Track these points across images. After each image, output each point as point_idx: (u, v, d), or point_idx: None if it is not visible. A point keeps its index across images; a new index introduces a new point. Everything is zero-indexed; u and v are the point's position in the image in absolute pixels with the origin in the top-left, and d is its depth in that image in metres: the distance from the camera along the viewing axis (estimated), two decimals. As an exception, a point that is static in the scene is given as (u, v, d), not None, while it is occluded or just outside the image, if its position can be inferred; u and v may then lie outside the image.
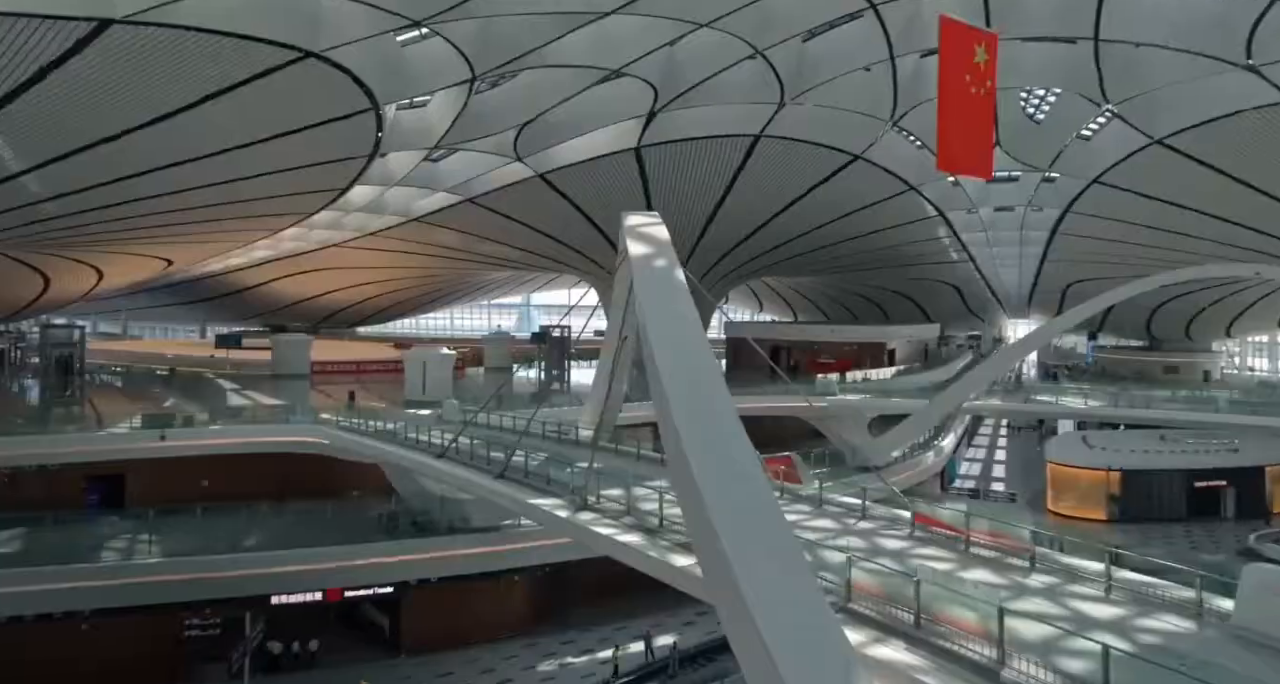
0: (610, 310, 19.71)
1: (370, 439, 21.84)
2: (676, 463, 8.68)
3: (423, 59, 28.91)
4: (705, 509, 7.70)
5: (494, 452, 17.14)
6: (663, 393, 9.17)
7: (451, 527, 23.35)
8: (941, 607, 8.29)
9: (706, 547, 7.80)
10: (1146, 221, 39.13)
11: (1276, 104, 28.76)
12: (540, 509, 13.76)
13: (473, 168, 38.87)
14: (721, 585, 7.50)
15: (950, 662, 7.75)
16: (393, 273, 58.72)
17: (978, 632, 7.83)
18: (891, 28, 27.41)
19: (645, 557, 11.28)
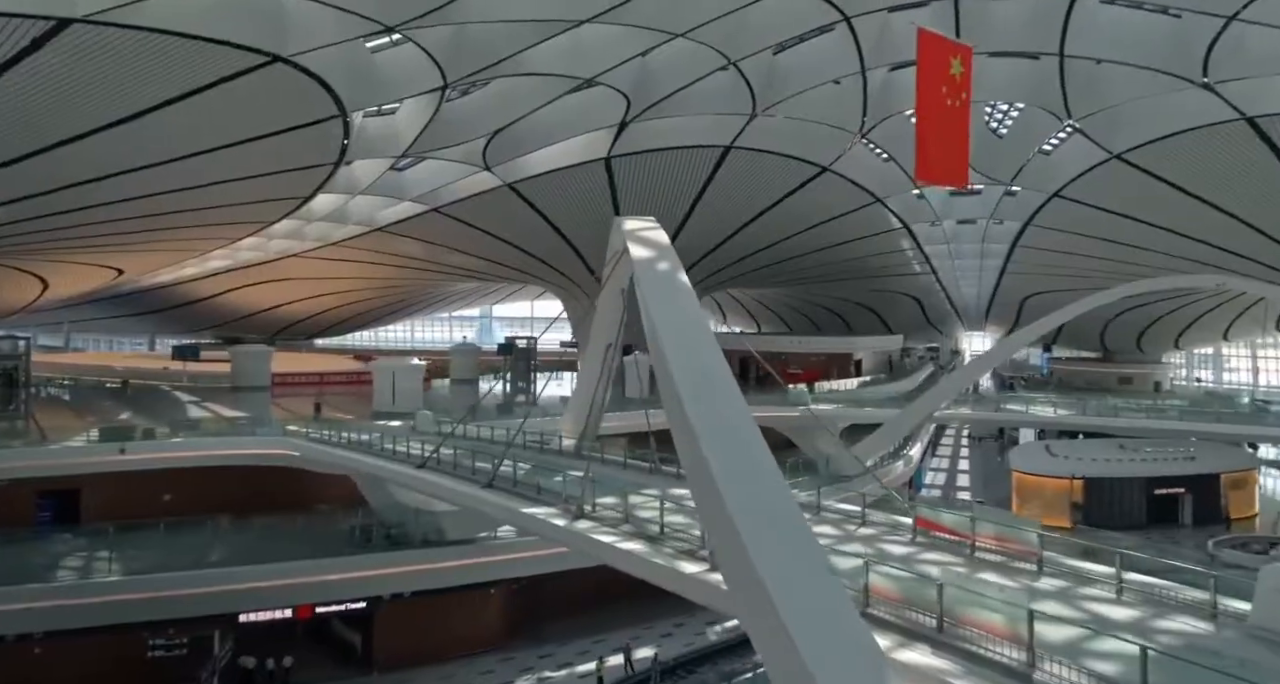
0: (595, 317, 19.51)
1: (346, 450, 21.27)
2: (697, 470, 8.49)
3: (393, 65, 28.54)
4: (731, 519, 7.54)
5: (478, 462, 16.79)
6: (677, 398, 9.00)
7: (426, 539, 22.85)
8: (964, 610, 8.22)
9: (732, 555, 7.62)
10: (1103, 234, 40.09)
11: (1230, 121, 29.72)
12: (535, 518, 13.47)
13: (440, 177, 38.43)
14: (750, 594, 7.32)
15: (980, 665, 7.67)
16: (354, 284, 57.77)
17: (1004, 635, 7.76)
18: (864, 41, 27.73)
19: (651, 564, 11.06)
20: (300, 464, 24.10)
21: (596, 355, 18.97)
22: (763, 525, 7.54)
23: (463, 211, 40.92)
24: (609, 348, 19.16)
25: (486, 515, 22.59)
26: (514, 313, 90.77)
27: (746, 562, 7.27)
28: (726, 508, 7.63)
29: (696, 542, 11.26)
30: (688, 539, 11.47)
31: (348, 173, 35.83)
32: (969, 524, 11.34)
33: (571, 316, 53.69)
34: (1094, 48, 27.68)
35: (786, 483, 8.37)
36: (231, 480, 25.98)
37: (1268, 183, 32.41)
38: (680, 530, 11.95)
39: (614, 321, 18.85)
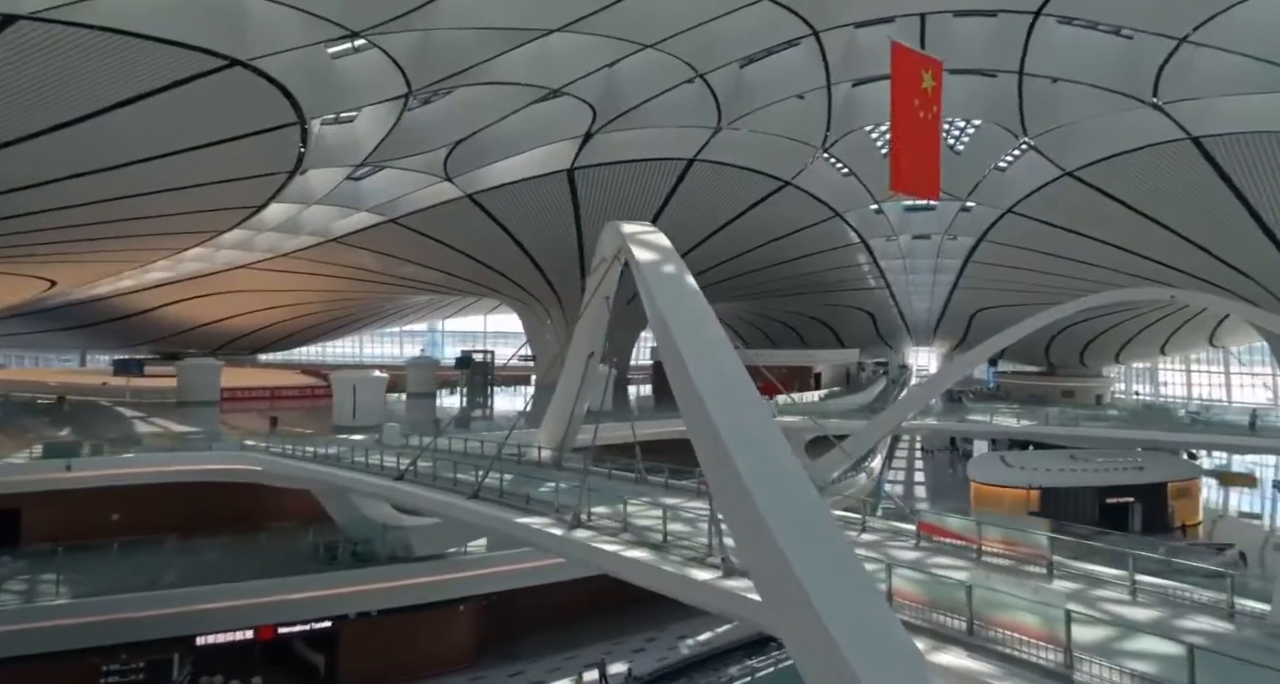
0: (578, 325, 19.22)
1: (315, 464, 20.54)
2: (724, 477, 8.27)
3: (355, 72, 28.00)
4: (768, 527, 7.35)
5: (459, 473, 16.32)
6: (700, 405, 8.79)
7: (393, 555, 22.16)
8: (993, 612, 8.14)
9: (768, 563, 7.41)
10: (1053, 250, 41.19)
11: (1176, 140, 30.79)
12: (530, 528, 13.09)
13: (398, 187, 37.77)
14: (789, 602, 7.12)
15: (1017, 667, 7.59)
16: (304, 296, 56.42)
17: (1037, 636, 7.69)
18: (830, 55, 28.05)
19: (659, 571, 10.78)
20: (261, 479, 23.22)
21: (578, 364, 18.66)
22: (799, 532, 7.38)
23: (421, 222, 40.28)
24: (591, 356, 18.86)
25: (461, 529, 22.21)
26: (465, 327, 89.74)
27: (786, 569, 7.08)
28: (762, 516, 7.43)
29: (703, 549, 11.05)
30: (694, 547, 11.25)
31: (303, 182, 35.00)
32: (975, 528, 11.33)
33: (528, 330, 53.21)
34: (1052, 66, 28.46)
35: (815, 488, 8.21)
36: (184, 498, 24.90)
37: (1210, 201, 33.61)
38: (683, 538, 11.72)
39: (598, 330, 18.57)
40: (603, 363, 31.50)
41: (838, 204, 40.31)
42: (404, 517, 22.85)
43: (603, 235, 16.99)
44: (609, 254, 16.98)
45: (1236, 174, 31.95)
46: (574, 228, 40.58)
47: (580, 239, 41.89)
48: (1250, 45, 25.32)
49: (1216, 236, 36.43)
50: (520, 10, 24.67)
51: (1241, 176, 31.98)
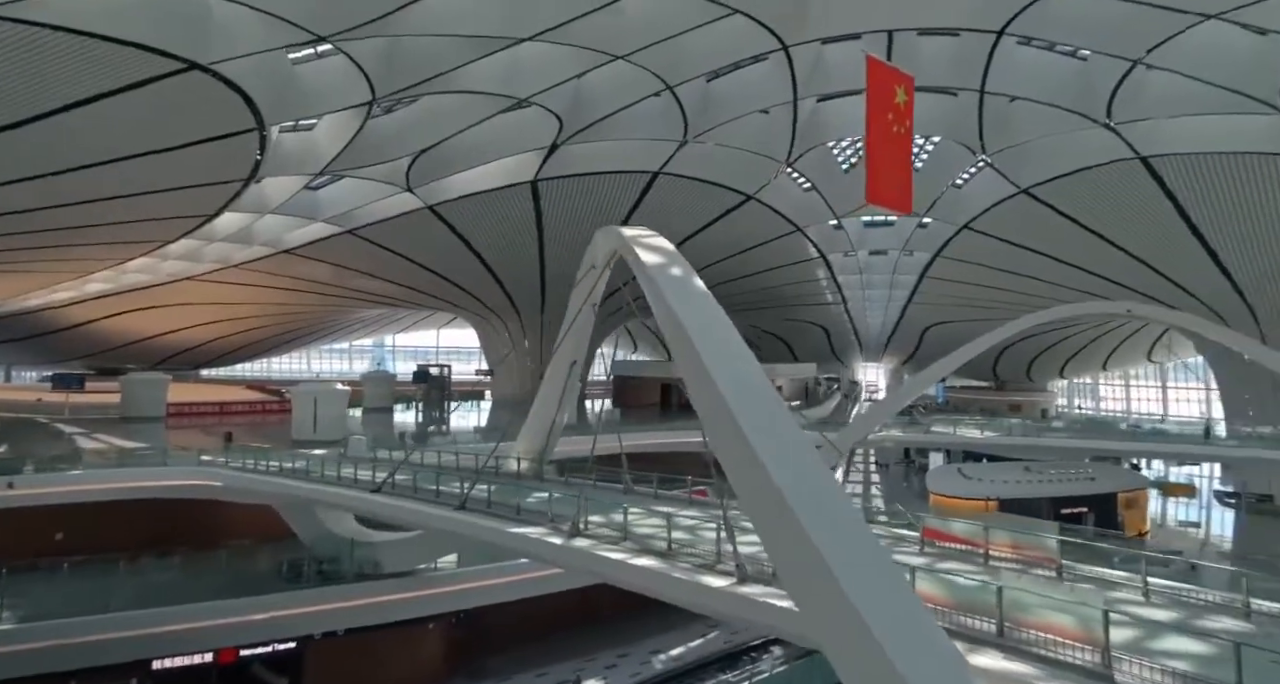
0: (561, 333, 18.91)
1: (284, 478, 19.78)
2: (756, 485, 8.10)
3: (318, 78, 27.48)
4: (807, 536, 7.23)
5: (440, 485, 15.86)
6: (727, 411, 8.64)
7: (361, 573, 21.45)
8: (1022, 614, 8.10)
9: (808, 572, 7.26)
10: (1006, 266, 42.17)
11: (1126, 159, 31.83)
12: (528, 538, 12.73)
13: (357, 197, 37.08)
14: (831, 609, 6.98)
15: (1056, 668, 7.54)
16: (252, 309, 54.91)
17: (1073, 636, 7.66)
18: (799, 70, 28.35)
19: (671, 579, 10.55)
20: (221, 495, 22.31)
21: (559, 373, 18.35)
22: (839, 540, 7.27)
23: (379, 234, 39.55)
24: (573, 365, 18.56)
25: (431, 545, 21.65)
26: (413, 342, 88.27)
27: (828, 578, 6.96)
28: (801, 525, 7.30)
29: (710, 556, 10.87)
30: (701, 554, 11.05)
31: (257, 191, 34.13)
32: (981, 533, 11.34)
33: (485, 344, 52.54)
34: (1012, 86, 29.21)
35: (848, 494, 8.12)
36: (136, 516, 23.82)
37: (1155, 219, 34.79)
38: (687, 546, 11.52)
39: (582, 338, 18.31)
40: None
41: (799, 219, 40.71)
42: (373, 532, 22.18)
43: (596, 241, 16.77)
44: (600, 260, 16.74)
45: (1181, 193, 33.14)
46: (536, 240, 40.27)
47: (542, 251, 41.59)
48: (1199, 68, 26.33)
49: (1160, 253, 37.70)
50: (493, 18, 24.44)
51: (1186, 196, 33.18)
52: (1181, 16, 23.67)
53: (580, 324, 17.68)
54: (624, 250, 13.46)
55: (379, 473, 17.20)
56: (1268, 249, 34.92)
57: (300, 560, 21.49)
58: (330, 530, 21.68)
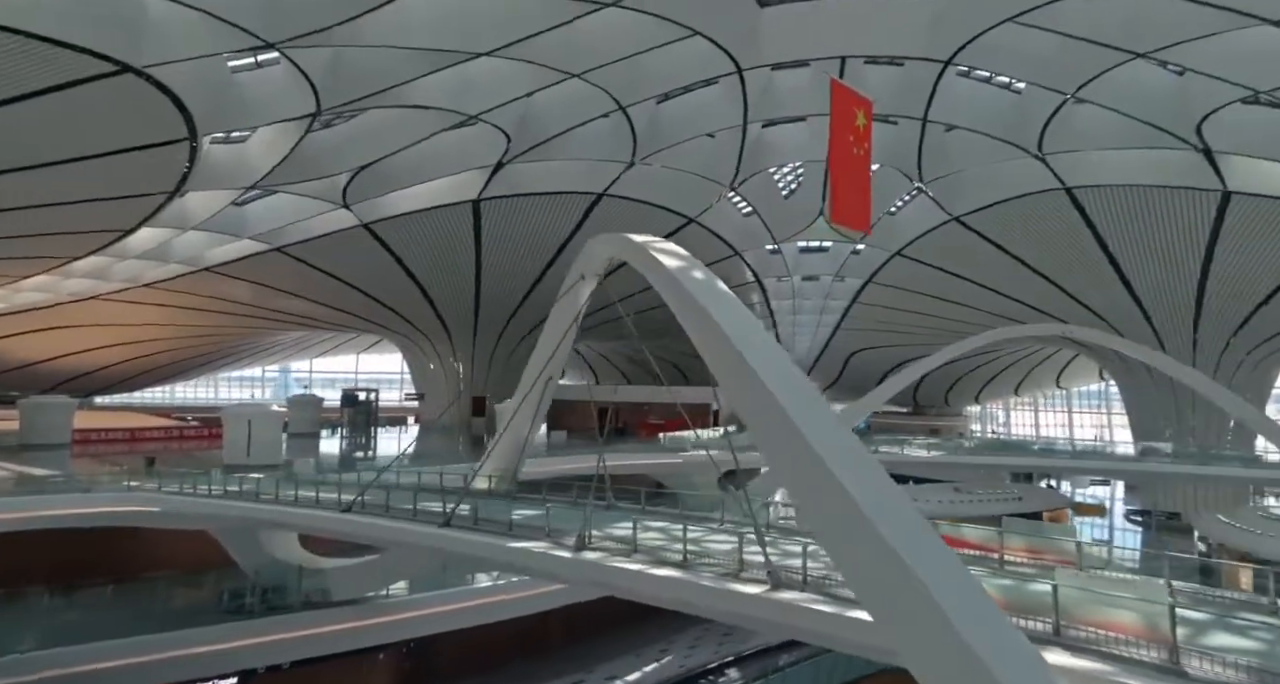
0: (538, 346, 18.41)
1: (235, 501, 18.46)
2: (823, 494, 7.89)
3: (258, 88, 26.42)
4: (890, 547, 7.05)
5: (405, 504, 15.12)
6: (786, 419, 8.40)
7: (308, 601, 20.21)
8: (1080, 611, 8.09)
9: (890, 582, 7.06)
10: (933, 291, 43.54)
11: (1053, 190, 33.39)
12: (531, 552, 12.16)
13: (288, 213, 35.67)
14: (916, 618, 6.80)
15: (1123, 664, 7.51)
16: (161, 331, 52.01)
17: (1134, 632, 7.67)
18: (751, 94, 28.75)
19: (702, 588, 10.17)
20: (157, 522, 20.73)
21: (534, 390, 17.78)
22: (918, 550, 7.11)
23: (309, 251, 38.12)
24: (549, 381, 18.06)
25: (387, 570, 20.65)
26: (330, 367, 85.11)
27: (915, 588, 6.79)
28: (882, 536, 7.12)
29: (734, 565, 10.61)
30: (722, 564, 10.78)
31: (180, 205, 32.44)
32: (995, 537, 11.38)
33: (413, 367, 51.10)
34: (952, 116, 30.30)
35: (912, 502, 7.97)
36: (49, 547, 21.89)
37: (1076, 247, 36.55)
38: (704, 556, 11.23)
39: (561, 352, 17.84)
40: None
41: (738, 243, 41.14)
42: (321, 558, 21.01)
43: (590, 250, 16.40)
44: (592, 270, 16.37)
45: (1100, 222, 34.94)
46: (473, 261, 39.50)
47: (479, 273, 40.81)
48: (1125, 104, 27.90)
49: (1078, 280, 39.57)
50: (450, 31, 23.98)
51: (1104, 224, 35.00)
52: (1114, 53, 25.02)
53: (560, 337, 17.20)
54: (637, 257, 13.15)
55: (345, 494, 16.27)
56: (1174, 274, 37.07)
57: (242, 589, 20.12)
58: (275, 556, 20.41)
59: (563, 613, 25.29)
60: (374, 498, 15.70)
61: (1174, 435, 40.55)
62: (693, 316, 10.92)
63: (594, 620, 26.65)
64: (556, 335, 17.29)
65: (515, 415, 17.62)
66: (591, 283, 16.73)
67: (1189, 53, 24.86)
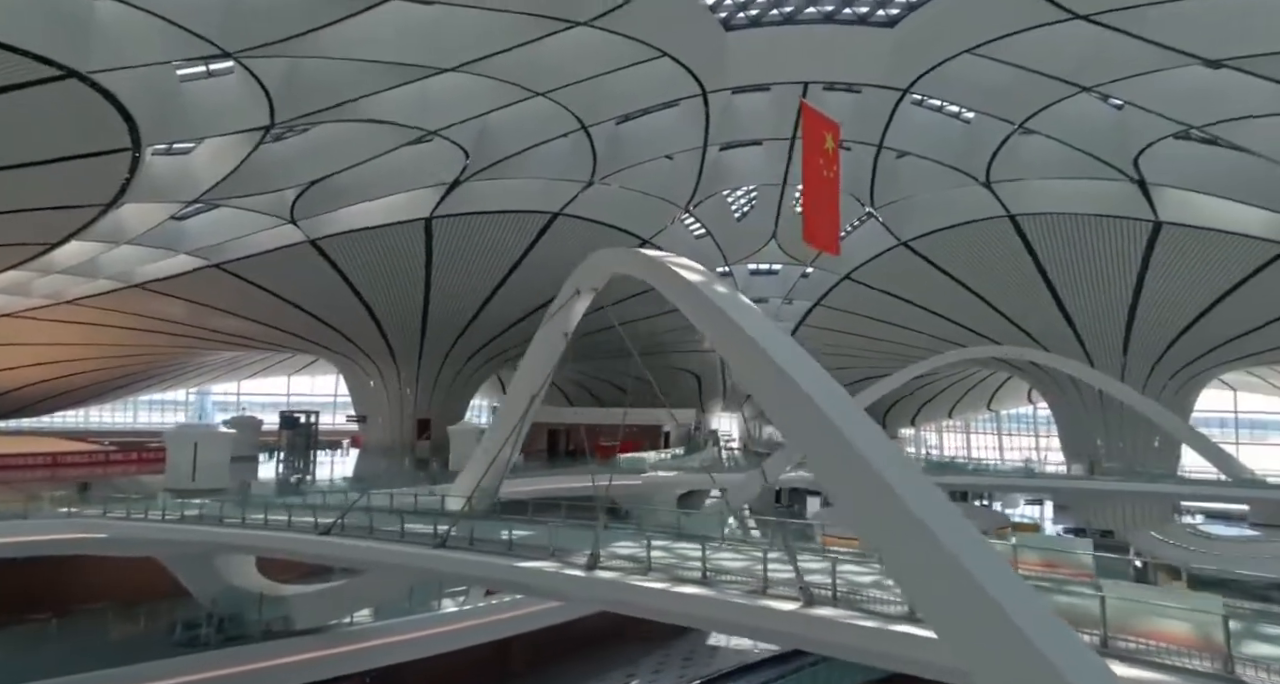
0: (523, 364, 18.05)
1: (198, 526, 17.39)
2: (885, 512, 7.84)
3: (211, 98, 25.54)
4: (964, 568, 7.03)
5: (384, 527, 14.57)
6: (842, 439, 8.32)
7: (269, 631, 19.20)
8: (1126, 622, 8.16)
9: (963, 601, 7.03)
10: (879, 315, 44.41)
11: (998, 217, 34.51)
12: (542, 572, 11.83)
13: (230, 228, 34.40)
14: (991, 635, 6.78)
15: (1182, 675, 7.57)
16: (82, 351, 49.49)
17: (1185, 642, 7.77)
18: (713, 116, 28.98)
19: (734, 606, 10.02)
20: (105, 549, 19.45)
21: (517, 406, 17.40)
22: (986, 568, 7.11)
23: (250, 268, 36.80)
24: (533, 399, 17.69)
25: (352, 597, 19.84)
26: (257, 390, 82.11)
27: (989, 607, 6.77)
28: (953, 555, 7.11)
29: (758, 582, 10.50)
30: (746, 581, 10.65)
31: (114, 218, 30.99)
32: (1009, 551, 11.48)
33: (354, 389, 49.66)
34: (906, 142, 31.05)
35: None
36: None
37: (1017, 273, 37.79)
38: (725, 573, 11.08)
39: (547, 368, 17.51)
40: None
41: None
42: (282, 584, 20.06)
43: (591, 264, 16.15)
44: (588, 285, 16.11)
45: (1041, 249, 36.23)
46: (423, 279, 38.71)
47: (428, 292, 40.00)
48: (1070, 135, 29.05)
49: (1017, 305, 40.90)
50: (417, 45, 23.57)
51: (1044, 251, 36.31)
52: (1062, 86, 26.05)
53: (547, 353, 16.88)
54: (652, 272, 12.98)
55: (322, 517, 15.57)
56: (1107, 300, 38.64)
57: (197, 619, 19.01)
58: (232, 583, 19.39)
59: (525, 640, 24.75)
60: (355, 520, 15.06)
61: (1105, 454, 42.09)
62: (723, 331, 10.73)
63: (556, 647, 26.17)
64: (544, 351, 16.94)
65: (498, 434, 17.16)
66: (587, 298, 16.47)
67: (1131, 88, 26.06)
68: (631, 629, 28.30)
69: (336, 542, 14.70)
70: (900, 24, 25.46)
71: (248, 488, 22.98)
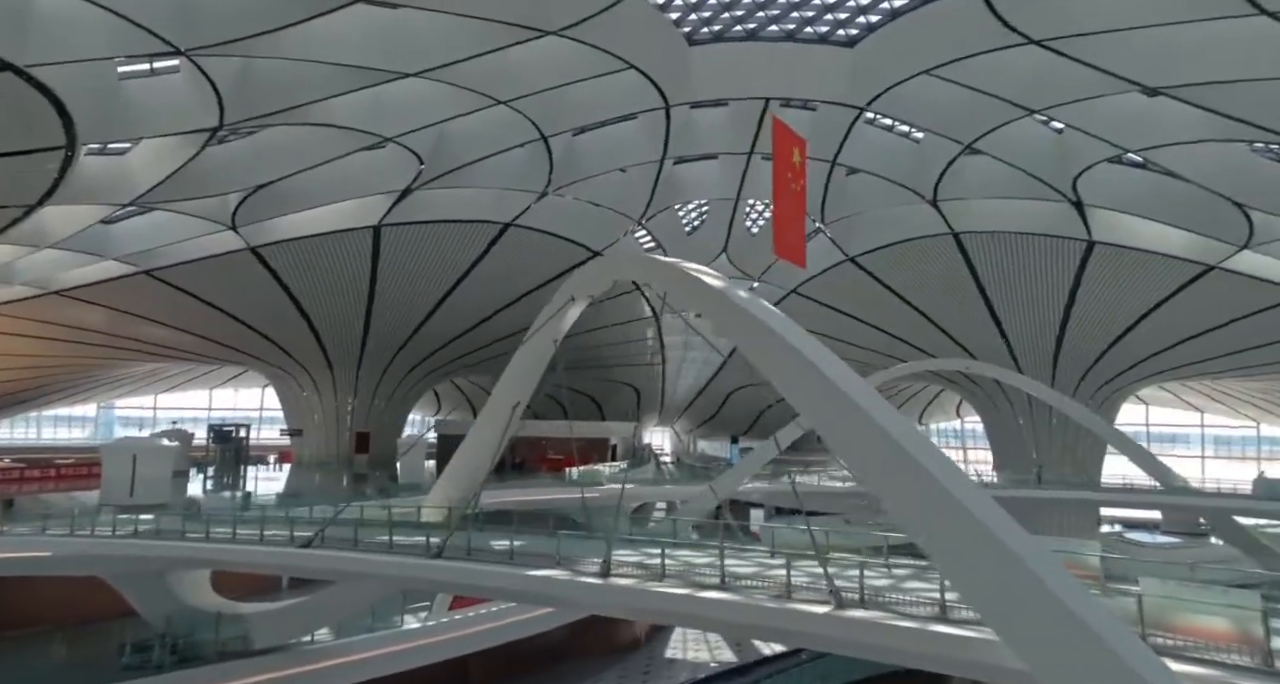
0: (508, 372, 17.66)
1: (156, 541, 16.30)
2: (948, 520, 7.89)
3: (156, 97, 24.46)
4: (1026, 567, 7.19)
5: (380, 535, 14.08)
6: (900, 450, 8.37)
7: (224, 651, 18.20)
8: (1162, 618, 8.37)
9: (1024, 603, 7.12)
10: (822, 329, 45.07)
11: (941, 234, 35.53)
12: (556, 580, 11.68)
13: (164, 233, 32.85)
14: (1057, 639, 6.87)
15: (1226, 670, 7.77)
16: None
17: (1223, 637, 7.99)
18: (674, 130, 29.08)
19: (765, 609, 10.05)
20: (46, 568, 18.17)
21: (499, 415, 17.03)
22: (1049, 571, 7.21)
23: (183, 276, 35.24)
24: (516, 407, 17.33)
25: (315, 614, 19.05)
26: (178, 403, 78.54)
27: (1058, 610, 6.88)
28: (1022, 561, 7.21)
29: (780, 587, 10.51)
30: (771, 586, 10.68)
31: (36, 219, 29.32)
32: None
33: (286, 402, 47.92)
34: (858, 160, 31.72)
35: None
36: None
37: (958, 289, 38.94)
38: (743, 579, 11.06)
39: (533, 376, 17.20)
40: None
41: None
42: (239, 602, 19.11)
43: (591, 271, 15.99)
44: (584, 293, 15.86)
45: (980, 266, 37.44)
46: (367, 289, 37.71)
47: (371, 303, 38.99)
48: (1014, 156, 30.11)
49: (955, 320, 42.12)
50: (380, 49, 23.00)
51: (984, 269, 37.53)
52: (1010, 109, 26.96)
53: (534, 361, 16.60)
54: (673, 279, 12.80)
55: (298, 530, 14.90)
56: (1040, 316, 40.17)
57: (148, 642, 17.91)
58: (185, 602, 18.36)
59: (485, 656, 24.16)
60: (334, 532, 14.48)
61: (1038, 465, 43.61)
62: (761, 341, 10.70)
63: (516, 662, 25.63)
64: (530, 360, 16.63)
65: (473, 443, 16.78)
66: (581, 305, 16.22)
67: (1074, 112, 27.12)
68: (593, 643, 27.99)
69: (315, 554, 14.10)
70: (859, 44, 26.06)
71: (249, 497, 21.79)
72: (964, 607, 9.39)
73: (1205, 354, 41.79)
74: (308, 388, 45.62)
